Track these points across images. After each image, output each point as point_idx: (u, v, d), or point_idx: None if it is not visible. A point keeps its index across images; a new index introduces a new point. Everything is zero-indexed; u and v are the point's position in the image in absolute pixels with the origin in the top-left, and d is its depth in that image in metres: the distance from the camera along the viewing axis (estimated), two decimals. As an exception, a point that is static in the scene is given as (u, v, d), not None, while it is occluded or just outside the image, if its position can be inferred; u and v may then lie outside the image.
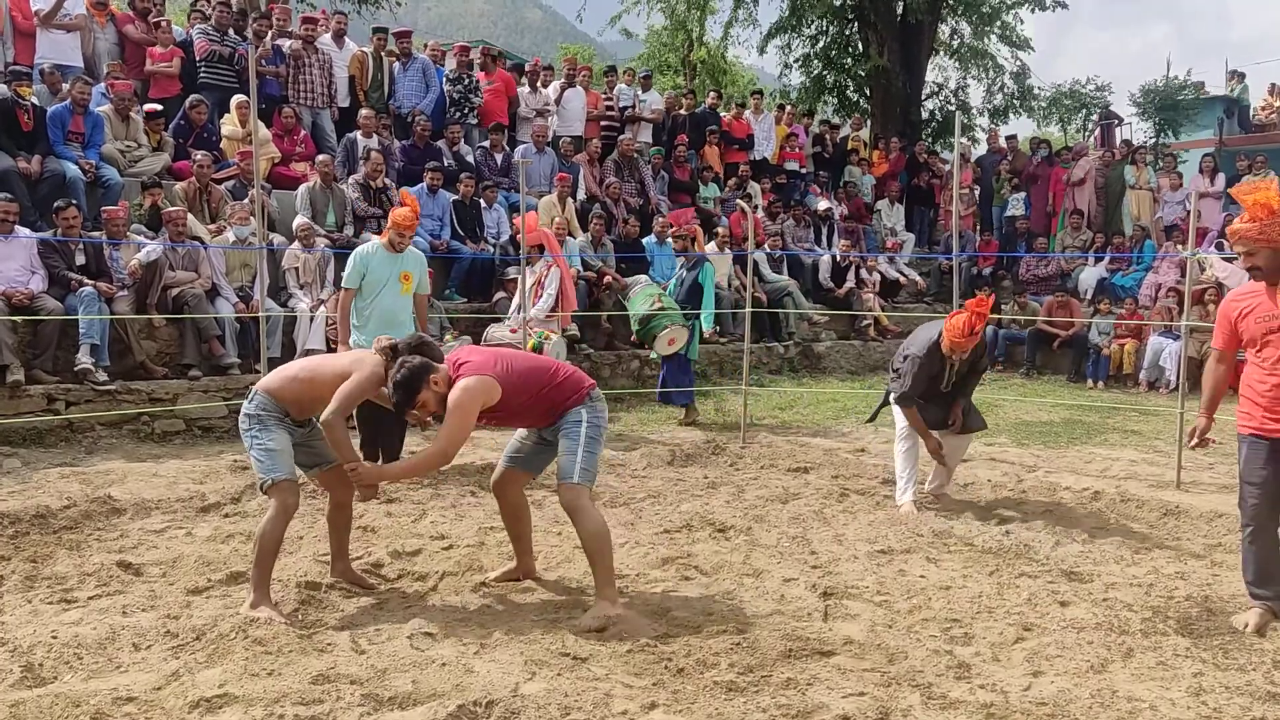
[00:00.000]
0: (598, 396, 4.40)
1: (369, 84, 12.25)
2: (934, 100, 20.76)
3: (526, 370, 4.29)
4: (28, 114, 9.18)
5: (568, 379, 4.36)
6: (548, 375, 4.34)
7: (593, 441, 4.30)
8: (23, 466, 6.77)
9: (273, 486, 4.25)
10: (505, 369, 4.22)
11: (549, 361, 4.52)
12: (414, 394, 4.11)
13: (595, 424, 4.32)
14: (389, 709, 3.34)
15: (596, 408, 4.36)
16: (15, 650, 3.78)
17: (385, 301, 6.75)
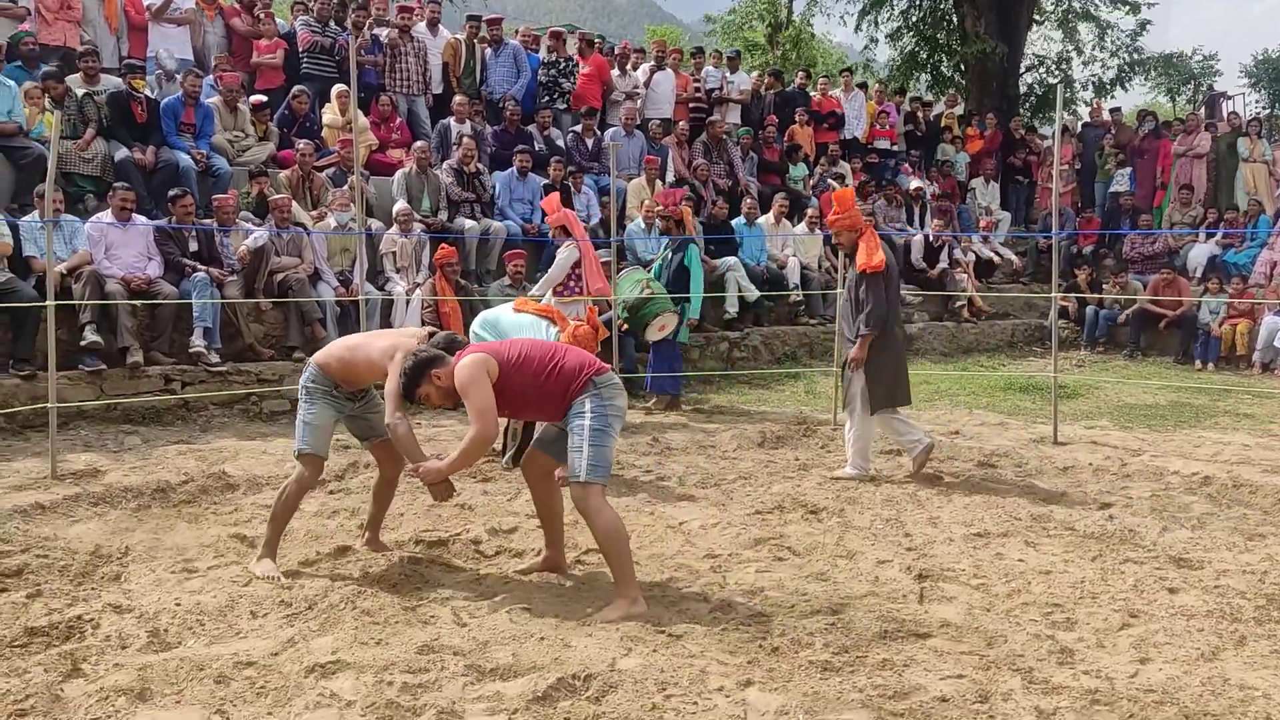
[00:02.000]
0: (604, 382, 4.17)
1: (462, 70, 12.45)
2: (1033, 74, 20.17)
3: (527, 353, 4.21)
4: (142, 106, 9.58)
5: (569, 364, 4.18)
6: (549, 359, 4.19)
7: (599, 434, 4.09)
8: (143, 444, 7.11)
9: (299, 456, 4.58)
10: (504, 350, 4.22)
11: (554, 346, 4.35)
12: (414, 386, 4.19)
13: (600, 414, 4.11)
14: (491, 679, 3.44)
15: (602, 395, 4.14)
16: (141, 616, 4.00)
17: None
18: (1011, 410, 9.04)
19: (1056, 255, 8.54)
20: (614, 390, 4.21)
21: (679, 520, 5.47)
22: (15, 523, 5.19)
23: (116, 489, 5.86)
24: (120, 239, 8.30)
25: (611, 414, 4.17)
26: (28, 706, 3.19)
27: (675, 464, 6.87)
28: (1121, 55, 19.65)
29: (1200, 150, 14.59)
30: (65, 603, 4.16)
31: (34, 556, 4.69)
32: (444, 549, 4.93)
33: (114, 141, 9.39)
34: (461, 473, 4.85)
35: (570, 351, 4.31)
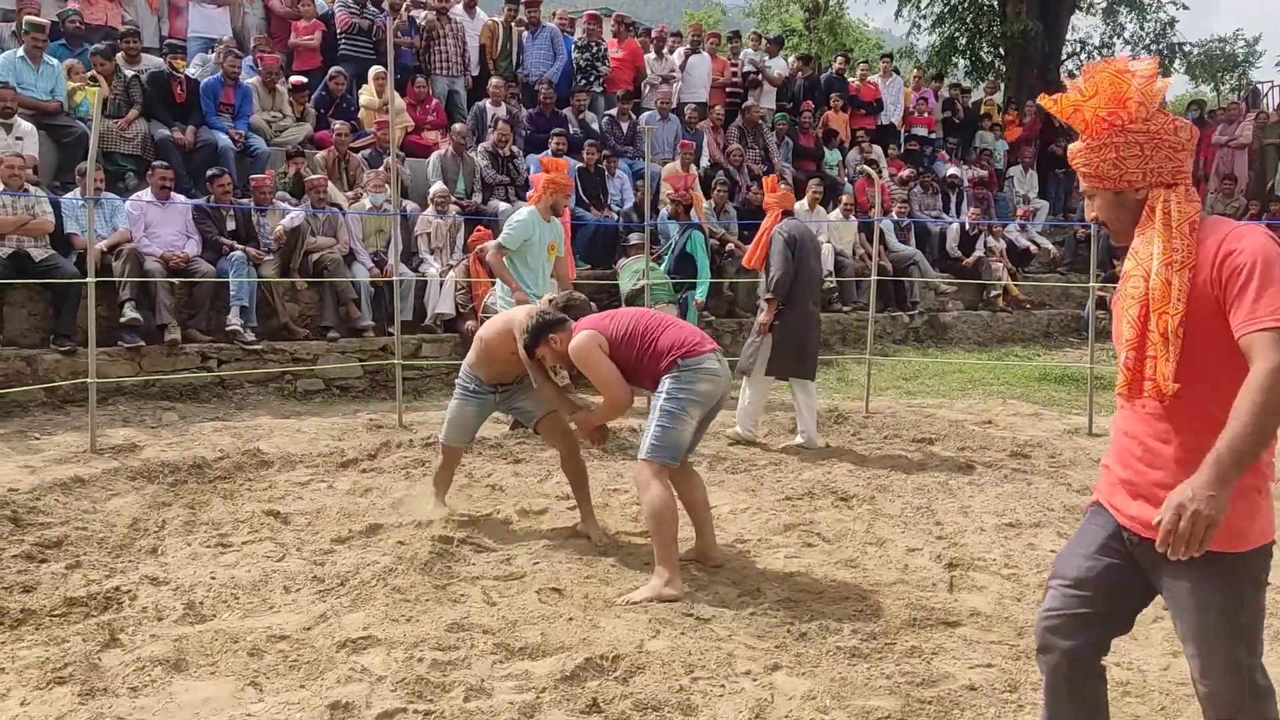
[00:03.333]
0: (689, 364, 4.21)
1: (499, 53, 12.46)
2: (1074, 60, 19.86)
3: (631, 329, 4.34)
4: (181, 86, 9.68)
5: (662, 344, 4.26)
6: (648, 337, 4.30)
7: (668, 415, 4.17)
8: (180, 420, 7.22)
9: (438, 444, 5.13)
10: (613, 324, 4.37)
11: (658, 321, 4.40)
12: (534, 346, 4.46)
13: (674, 396, 4.18)
14: (519, 658, 3.47)
15: (682, 378, 4.20)
16: (178, 589, 4.07)
17: (535, 265, 7.01)
18: (1046, 401, 8.96)
19: (1095, 245, 8.43)
20: (697, 374, 4.21)
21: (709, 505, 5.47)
22: (55, 495, 5.29)
23: (154, 464, 5.96)
24: (159, 217, 8.41)
25: (687, 397, 4.19)
26: (66, 674, 3.26)
27: (705, 448, 6.87)
28: (1162, 42, 19.28)
29: (1242, 140, 14.32)
30: (103, 574, 4.24)
31: (73, 529, 4.78)
32: (474, 529, 4.97)
33: (154, 121, 9.51)
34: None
35: (670, 329, 4.36)
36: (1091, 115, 2.31)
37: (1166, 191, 2.29)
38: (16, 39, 9.41)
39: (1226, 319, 2.19)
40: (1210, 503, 2.08)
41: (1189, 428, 2.28)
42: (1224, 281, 2.19)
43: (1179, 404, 2.29)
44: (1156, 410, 2.34)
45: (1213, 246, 2.22)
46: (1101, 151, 2.31)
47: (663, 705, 3.13)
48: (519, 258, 7.01)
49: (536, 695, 3.18)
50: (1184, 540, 2.10)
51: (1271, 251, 2.16)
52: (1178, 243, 2.24)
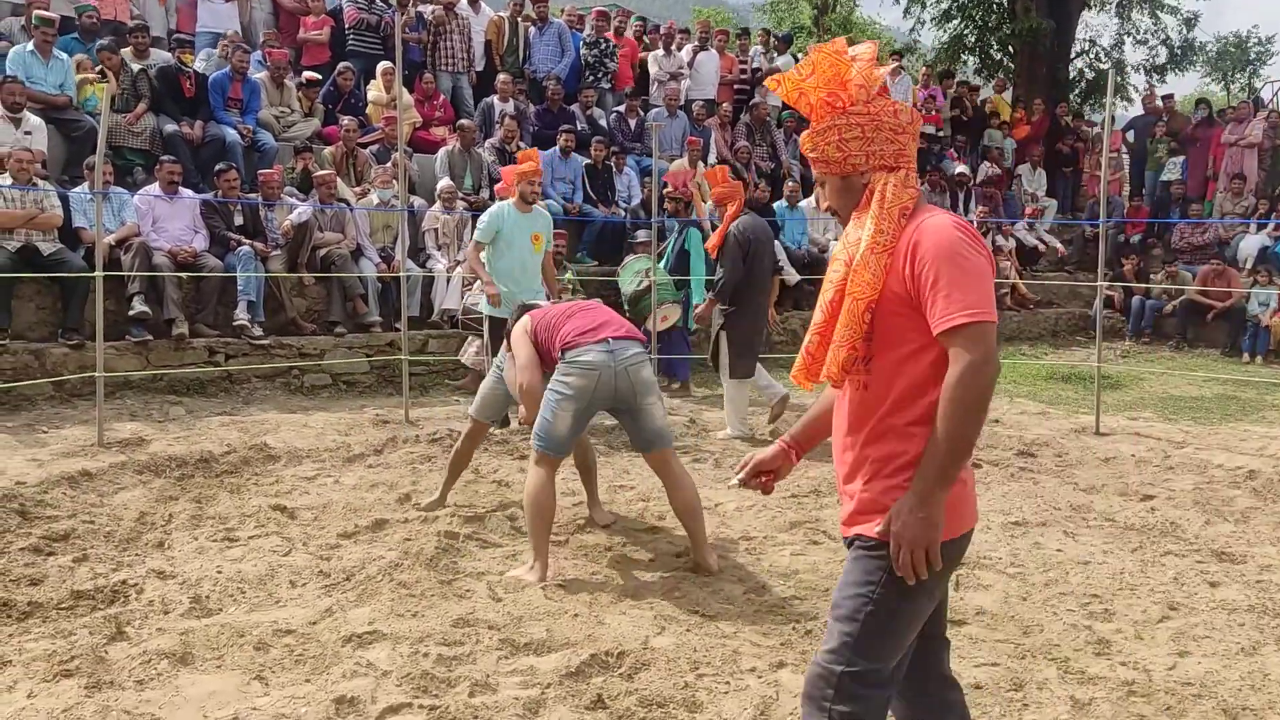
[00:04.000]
0: (567, 358, 4.29)
1: (505, 49, 12.45)
2: (1083, 59, 19.79)
3: (546, 321, 4.51)
4: (190, 80, 9.70)
5: (557, 337, 4.38)
6: (554, 329, 4.43)
7: (546, 405, 4.29)
8: (187, 414, 7.23)
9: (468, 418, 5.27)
10: (546, 314, 4.58)
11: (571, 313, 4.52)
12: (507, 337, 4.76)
13: (552, 388, 4.31)
14: (525, 654, 3.47)
15: (560, 370, 4.31)
16: (184, 583, 4.08)
17: (517, 259, 6.98)
18: (1053, 399, 8.93)
19: (1103, 244, 8.40)
20: (571, 367, 4.27)
21: (714, 502, 5.47)
22: (62, 489, 5.30)
23: (161, 458, 5.97)
24: (167, 212, 8.43)
25: (560, 391, 4.27)
26: (73, 667, 3.27)
27: (712, 445, 6.87)
28: (1173, 40, 19.21)
29: (1252, 139, 14.26)
30: (110, 568, 4.26)
31: (80, 522, 4.79)
32: (480, 524, 4.97)
33: (162, 115, 9.52)
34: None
35: (573, 319, 4.45)
36: (816, 99, 2.24)
37: (887, 175, 2.22)
38: (25, 33, 9.44)
39: (918, 316, 2.12)
40: (919, 526, 2.04)
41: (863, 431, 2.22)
42: (916, 276, 2.11)
43: (859, 406, 2.22)
44: (843, 408, 2.27)
45: (907, 236, 2.15)
46: (825, 135, 2.24)
47: (668, 702, 3.13)
48: (497, 251, 7.00)
49: (541, 691, 3.19)
50: (909, 570, 2.07)
51: (956, 244, 2.08)
52: (885, 225, 2.17)
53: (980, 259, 2.10)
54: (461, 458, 5.23)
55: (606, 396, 4.31)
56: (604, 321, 4.45)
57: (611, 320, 4.50)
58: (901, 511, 2.06)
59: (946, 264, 2.07)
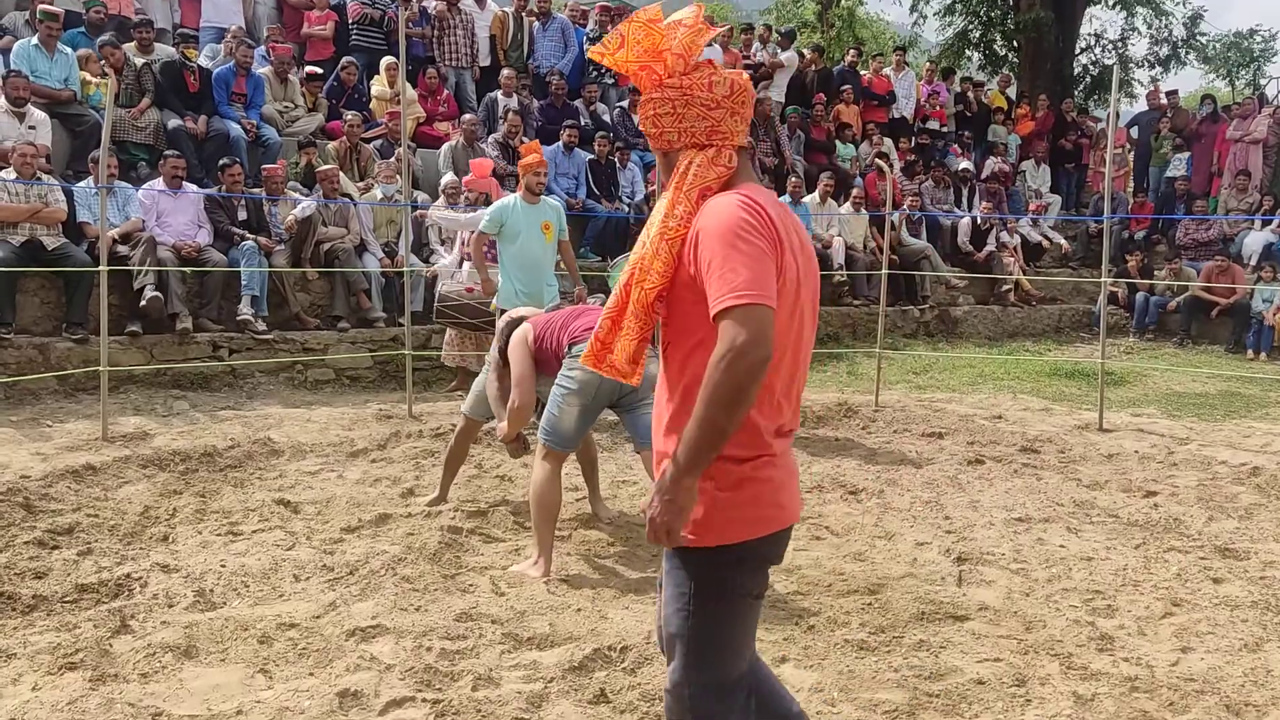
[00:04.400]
0: (573, 353, 4.31)
1: (509, 44, 12.45)
2: (1087, 54, 19.74)
3: (550, 322, 4.51)
4: (194, 75, 9.70)
5: (563, 334, 4.39)
6: (560, 328, 4.43)
7: (553, 401, 4.32)
8: (191, 409, 7.25)
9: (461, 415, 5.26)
10: (550, 318, 4.56)
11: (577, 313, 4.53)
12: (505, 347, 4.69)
13: (559, 383, 4.32)
14: (528, 648, 3.48)
15: (566, 365, 4.33)
16: (188, 576, 4.09)
17: (528, 250, 6.95)
18: (1056, 396, 8.93)
19: (1107, 240, 8.38)
20: (577, 361, 4.24)
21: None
22: (67, 483, 5.31)
23: (165, 452, 5.98)
24: (171, 206, 8.43)
25: (566, 386, 4.27)
26: (77, 660, 3.29)
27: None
28: (1177, 36, 19.15)
29: (1257, 135, 14.22)
30: (115, 561, 4.27)
31: (85, 516, 4.81)
32: (483, 519, 4.98)
33: (166, 110, 9.53)
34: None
35: (580, 318, 4.45)
36: (634, 71, 2.14)
37: (696, 153, 2.10)
38: (30, 27, 9.44)
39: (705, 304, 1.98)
40: (664, 507, 1.97)
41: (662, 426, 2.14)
42: (697, 260, 2.00)
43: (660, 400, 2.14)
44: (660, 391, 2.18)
45: (697, 219, 2.04)
46: (645, 108, 2.16)
47: (670, 696, 3.13)
48: (506, 244, 7.00)
49: (544, 685, 3.19)
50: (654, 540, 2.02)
51: (736, 224, 1.96)
52: (678, 209, 2.06)
53: (760, 240, 1.96)
54: (456, 455, 5.22)
55: (611, 391, 4.33)
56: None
57: None
58: (657, 489, 1.99)
59: (721, 245, 1.95)
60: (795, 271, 2.07)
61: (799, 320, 2.13)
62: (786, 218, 2.09)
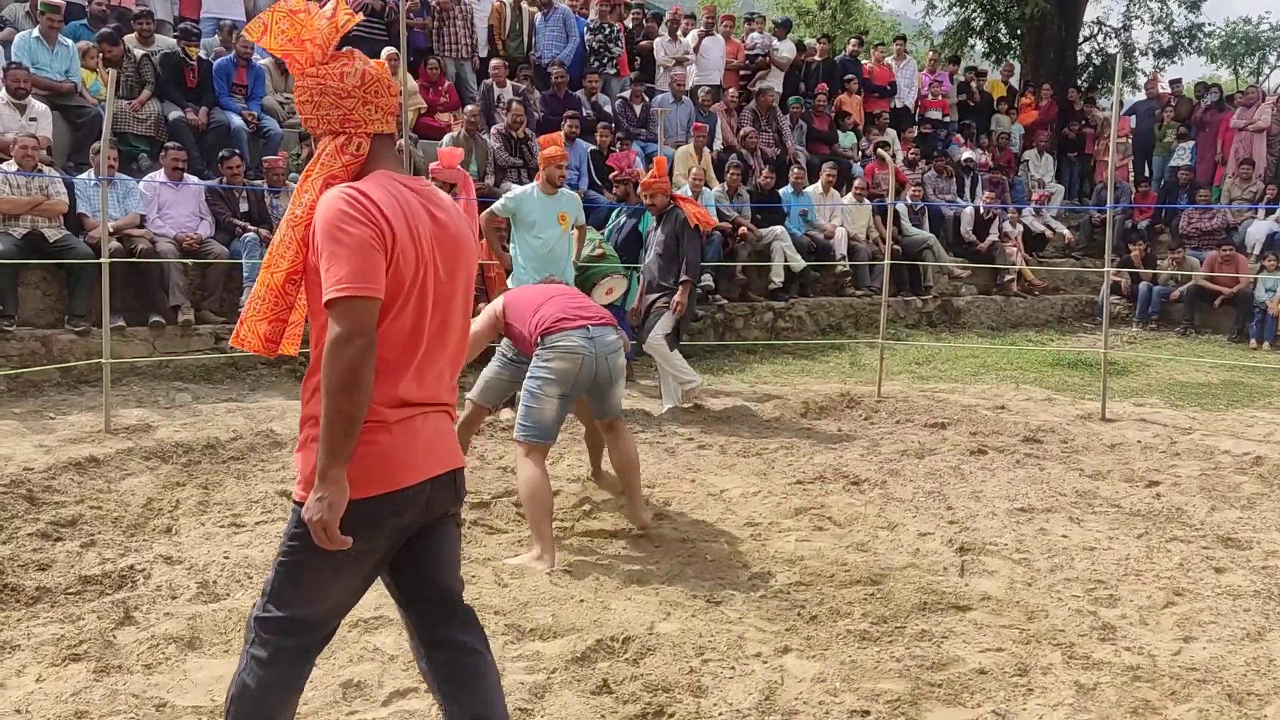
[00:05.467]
0: (547, 343, 4.33)
1: (508, 34, 12.41)
2: (1090, 43, 19.65)
3: (522, 303, 4.57)
4: (193, 72, 9.67)
5: (533, 321, 4.40)
6: (529, 313, 4.47)
7: (528, 394, 4.35)
8: (193, 401, 7.25)
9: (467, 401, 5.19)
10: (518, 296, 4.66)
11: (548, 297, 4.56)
12: None
13: (533, 375, 4.35)
14: (531, 639, 3.49)
15: (541, 356, 4.34)
16: (192, 568, 4.10)
17: (546, 240, 6.95)
18: (1059, 386, 8.92)
19: (1110, 229, 8.37)
20: (553, 352, 4.32)
21: (720, 488, 5.48)
22: (70, 475, 5.32)
23: (168, 444, 5.99)
24: (172, 198, 8.42)
25: (543, 376, 4.31)
26: (81, 651, 3.30)
27: (717, 432, 6.87)
28: (1181, 22, 19.07)
29: (1261, 124, 14.17)
30: (118, 553, 4.28)
31: (88, 508, 4.81)
32: (486, 510, 4.99)
33: (167, 102, 9.51)
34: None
35: (549, 304, 4.48)
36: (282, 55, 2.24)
37: (330, 140, 2.22)
38: (30, 19, 9.42)
39: None
40: (315, 506, 2.06)
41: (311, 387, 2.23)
42: (315, 249, 2.13)
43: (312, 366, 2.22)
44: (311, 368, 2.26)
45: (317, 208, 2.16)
46: (294, 94, 2.27)
47: (673, 687, 3.14)
48: (521, 235, 6.98)
49: (547, 676, 3.20)
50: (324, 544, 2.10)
51: (337, 217, 2.07)
52: (305, 197, 2.18)
53: (361, 231, 2.06)
54: (461, 441, 5.21)
55: (586, 380, 4.42)
56: (581, 306, 4.55)
57: (587, 305, 4.60)
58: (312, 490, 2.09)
59: (325, 238, 2.07)
60: (420, 259, 2.17)
61: (436, 304, 2.24)
62: (409, 208, 2.18)
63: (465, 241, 2.31)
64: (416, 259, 2.16)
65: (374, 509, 2.18)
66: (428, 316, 2.23)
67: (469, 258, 2.34)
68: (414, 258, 2.15)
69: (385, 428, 2.19)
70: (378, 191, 2.14)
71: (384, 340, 2.13)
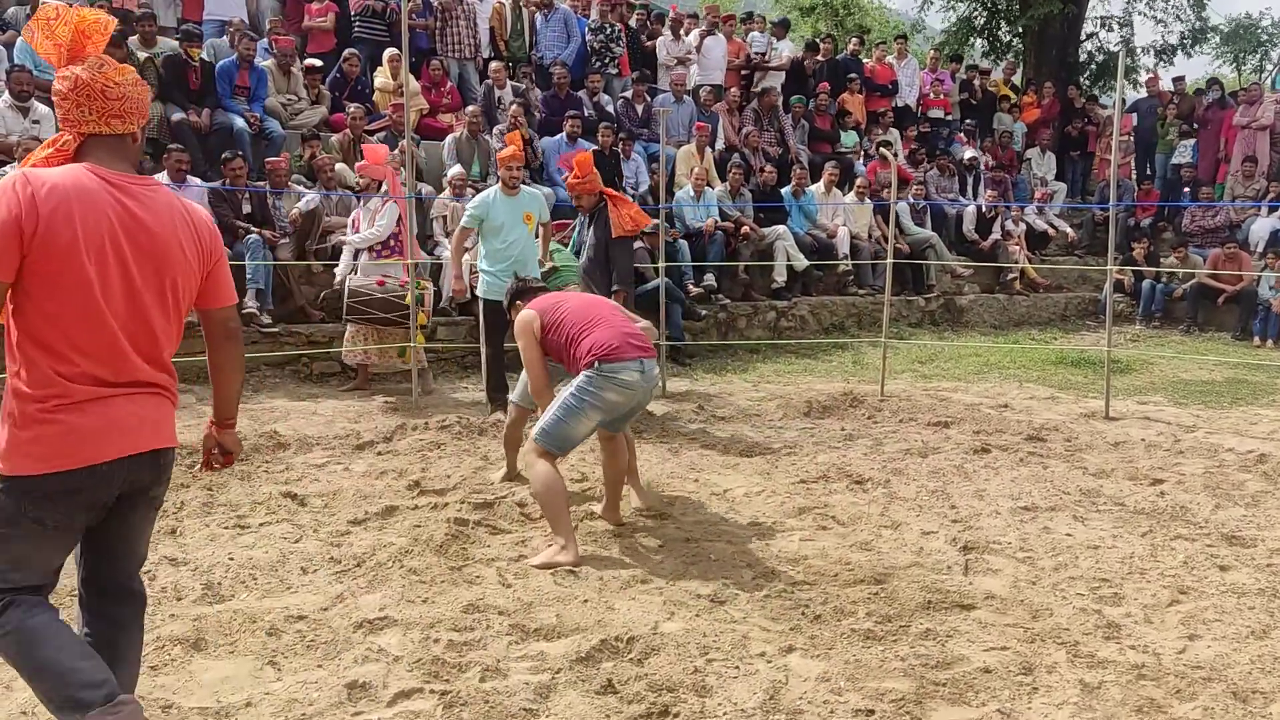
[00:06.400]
0: (604, 371, 4.32)
1: (509, 34, 12.42)
2: (1093, 41, 19.63)
3: (562, 320, 4.53)
4: (196, 74, 9.68)
5: (584, 345, 4.40)
6: (574, 332, 4.46)
7: (567, 409, 4.34)
8: (198, 402, 7.25)
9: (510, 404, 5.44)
10: (554, 311, 4.59)
11: (591, 318, 4.51)
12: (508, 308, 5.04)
13: (581, 393, 4.33)
14: (535, 639, 3.49)
15: (594, 380, 4.33)
16: (196, 569, 4.11)
17: (513, 240, 6.97)
18: (1062, 384, 8.91)
19: (1113, 227, 8.36)
20: (609, 381, 4.33)
21: (723, 488, 5.48)
22: (76, 476, 5.32)
23: (172, 446, 5.99)
24: (176, 201, 8.43)
25: (592, 400, 4.33)
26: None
27: (720, 432, 6.87)
28: (1184, 19, 19.06)
29: (1264, 122, 14.15)
30: (123, 554, 4.28)
31: (94, 509, 4.82)
32: (490, 511, 4.99)
33: (170, 104, 9.53)
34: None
35: (599, 329, 4.45)
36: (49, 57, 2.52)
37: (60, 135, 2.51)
38: (33, 22, 9.42)
39: None
40: None
41: None
42: None
43: None
44: None
45: None
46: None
47: (677, 686, 3.14)
48: (489, 237, 6.98)
49: (552, 676, 3.20)
50: None
51: None
52: None
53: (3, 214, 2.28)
54: (513, 439, 5.43)
55: (626, 412, 4.52)
56: (633, 335, 4.50)
57: (637, 332, 4.55)
58: None
59: None
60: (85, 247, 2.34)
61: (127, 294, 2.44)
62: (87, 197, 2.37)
63: (164, 240, 2.50)
64: (76, 244, 2.32)
65: (65, 483, 2.37)
66: (106, 303, 2.40)
67: (169, 255, 2.52)
68: (69, 242, 2.32)
69: (75, 407, 2.38)
70: (56, 176, 2.36)
71: (45, 320, 2.34)
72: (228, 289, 2.77)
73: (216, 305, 2.75)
